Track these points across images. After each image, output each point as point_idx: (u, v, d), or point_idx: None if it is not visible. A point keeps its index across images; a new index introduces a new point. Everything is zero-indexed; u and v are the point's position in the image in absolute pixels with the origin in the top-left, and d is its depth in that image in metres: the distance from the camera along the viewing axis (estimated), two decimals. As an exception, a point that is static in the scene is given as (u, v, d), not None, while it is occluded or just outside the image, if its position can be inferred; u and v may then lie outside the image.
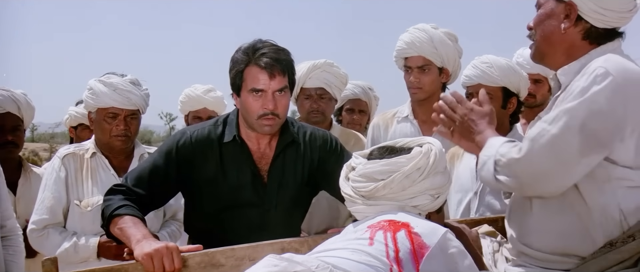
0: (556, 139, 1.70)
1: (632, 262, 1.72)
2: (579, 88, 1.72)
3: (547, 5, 1.88)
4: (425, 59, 2.87)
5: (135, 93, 2.76)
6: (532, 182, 1.76)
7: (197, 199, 2.30)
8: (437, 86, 2.93)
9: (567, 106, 1.72)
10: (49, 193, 2.72)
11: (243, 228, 2.22)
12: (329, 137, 2.38)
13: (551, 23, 1.86)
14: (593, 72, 1.71)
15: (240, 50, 2.21)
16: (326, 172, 2.27)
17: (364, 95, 3.83)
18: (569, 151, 1.70)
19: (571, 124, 1.69)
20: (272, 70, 2.15)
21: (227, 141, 2.25)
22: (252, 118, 2.19)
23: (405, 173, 1.78)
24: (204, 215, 2.30)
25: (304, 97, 3.13)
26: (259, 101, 2.17)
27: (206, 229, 2.29)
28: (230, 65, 2.23)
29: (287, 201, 2.28)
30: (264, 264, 1.58)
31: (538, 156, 1.72)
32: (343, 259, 1.59)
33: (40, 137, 25.71)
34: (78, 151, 2.80)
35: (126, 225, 2.04)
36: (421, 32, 2.88)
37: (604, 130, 1.70)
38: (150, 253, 1.89)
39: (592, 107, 1.69)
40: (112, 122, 2.74)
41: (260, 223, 2.24)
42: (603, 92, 1.68)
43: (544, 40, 1.89)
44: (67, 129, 4.13)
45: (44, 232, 2.70)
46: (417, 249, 1.63)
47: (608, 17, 1.82)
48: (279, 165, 2.28)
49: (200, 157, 2.23)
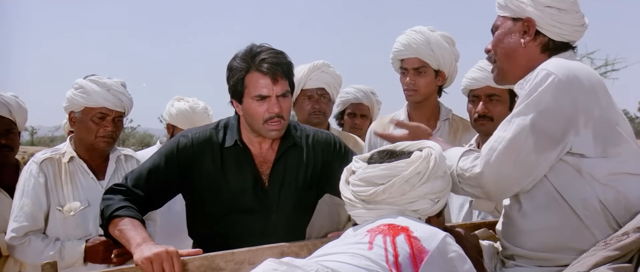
0: (511, 143, 1.81)
1: (626, 260, 1.73)
2: (526, 91, 1.83)
3: (505, 25, 2.00)
4: (421, 60, 2.87)
5: (126, 95, 2.77)
6: (497, 189, 1.87)
7: (198, 203, 2.30)
8: (433, 89, 2.93)
9: (516, 110, 1.84)
10: (27, 199, 2.64)
11: (245, 232, 2.21)
12: (332, 139, 2.37)
13: (511, 40, 1.98)
14: (536, 75, 1.83)
15: (238, 57, 2.19)
16: (330, 174, 2.25)
17: (366, 99, 3.83)
18: (525, 151, 1.80)
19: (522, 125, 1.81)
20: (274, 75, 2.15)
21: (229, 145, 2.24)
22: (258, 123, 2.18)
23: (405, 177, 1.78)
24: (206, 219, 2.29)
25: (305, 98, 3.13)
26: (264, 106, 2.16)
27: (209, 234, 2.29)
28: (229, 74, 2.22)
29: (289, 205, 2.27)
30: (264, 268, 1.58)
31: (497, 163, 1.83)
32: (342, 264, 1.59)
33: (40, 140, 25.71)
34: (55, 156, 2.74)
35: (126, 227, 2.03)
36: (418, 34, 2.88)
37: (555, 126, 1.79)
38: (150, 257, 1.89)
39: (539, 107, 1.79)
40: (100, 122, 2.71)
41: (262, 227, 2.23)
42: (548, 91, 1.79)
43: (505, 58, 2.00)
44: (65, 132, 4.12)
45: (25, 239, 2.60)
46: (417, 253, 1.62)
47: (564, 30, 1.95)
48: (281, 169, 2.27)
49: (201, 160, 2.23)
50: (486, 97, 2.70)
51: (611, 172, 1.80)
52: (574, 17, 1.95)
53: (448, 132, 2.96)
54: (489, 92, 2.68)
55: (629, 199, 1.80)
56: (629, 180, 1.82)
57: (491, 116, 2.66)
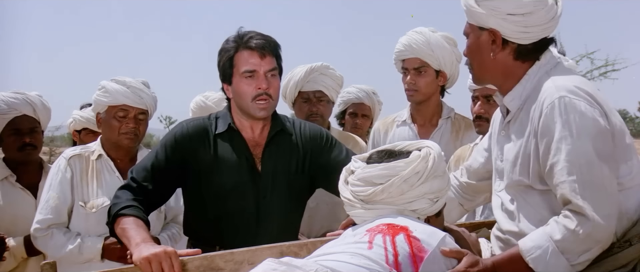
0: (594, 183, 1.66)
1: (629, 269, 1.73)
2: (558, 131, 1.69)
3: (473, 36, 1.90)
4: (422, 61, 2.90)
5: (146, 92, 2.84)
6: (609, 231, 1.69)
7: (195, 189, 2.33)
8: (433, 89, 2.95)
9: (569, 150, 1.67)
10: (54, 193, 2.75)
11: (238, 215, 2.26)
12: (319, 130, 2.41)
13: (481, 52, 1.89)
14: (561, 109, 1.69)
15: (229, 40, 2.28)
16: (319, 165, 2.32)
17: (367, 99, 3.83)
18: (609, 180, 1.69)
19: (591, 160, 1.67)
20: (262, 51, 2.22)
21: (221, 131, 2.30)
22: (247, 101, 2.24)
23: (403, 177, 1.78)
24: (202, 204, 2.32)
25: (302, 101, 3.14)
26: (252, 83, 2.22)
27: (204, 223, 2.32)
28: (219, 57, 2.30)
29: (281, 189, 2.30)
30: (263, 268, 1.58)
31: (597, 207, 1.65)
32: (342, 263, 1.59)
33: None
34: (84, 153, 2.85)
35: (128, 226, 2.07)
36: (418, 35, 2.91)
37: (608, 143, 1.71)
38: (148, 257, 1.89)
39: (590, 133, 1.68)
40: (122, 120, 2.80)
41: (255, 211, 2.27)
42: (585, 115, 1.68)
43: (480, 69, 1.93)
44: (70, 132, 4.14)
45: (48, 232, 2.72)
46: (416, 252, 1.62)
47: (533, 33, 1.83)
48: (272, 152, 2.32)
49: (197, 145, 2.29)
50: (483, 98, 2.71)
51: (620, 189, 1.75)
52: (540, 16, 1.81)
53: (450, 130, 2.98)
54: (486, 93, 2.66)
55: (630, 211, 1.77)
56: (631, 192, 1.78)
57: (487, 117, 2.59)
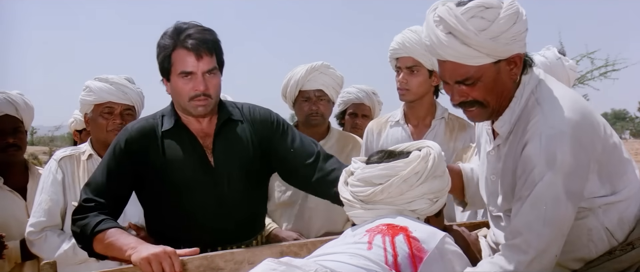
0: (553, 219, 1.71)
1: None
2: (541, 159, 1.71)
3: (489, 73, 1.79)
4: (415, 60, 2.88)
5: (130, 88, 2.85)
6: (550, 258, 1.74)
7: (150, 191, 2.27)
8: (426, 88, 2.93)
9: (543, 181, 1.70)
10: (46, 196, 2.74)
11: (199, 209, 2.20)
12: (269, 113, 2.38)
13: (503, 83, 1.82)
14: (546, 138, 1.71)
15: (166, 34, 2.20)
16: (271, 149, 2.29)
17: (367, 99, 3.82)
18: (567, 218, 1.73)
19: (557, 196, 1.70)
20: (198, 52, 2.15)
21: (168, 128, 2.24)
22: (184, 100, 2.20)
23: (403, 177, 1.78)
24: (160, 208, 2.27)
25: (303, 100, 3.13)
26: (189, 84, 2.17)
27: (165, 223, 2.27)
28: (157, 51, 2.23)
29: (238, 178, 2.25)
30: (263, 268, 1.58)
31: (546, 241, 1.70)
32: (342, 263, 1.59)
33: (40, 140, 25.71)
34: (74, 154, 2.85)
35: (114, 237, 2.02)
36: (412, 34, 2.89)
37: (581, 182, 1.73)
38: (148, 257, 1.89)
39: (565, 170, 1.69)
40: (108, 117, 2.82)
41: (216, 204, 2.22)
42: (566, 152, 1.69)
43: (498, 100, 1.84)
44: (71, 132, 4.13)
45: (42, 234, 2.71)
46: (416, 253, 1.62)
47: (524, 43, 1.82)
48: (222, 143, 2.27)
49: (146, 147, 2.22)
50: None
51: (619, 200, 1.79)
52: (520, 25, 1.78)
53: (444, 131, 2.95)
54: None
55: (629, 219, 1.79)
56: (629, 202, 1.81)
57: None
